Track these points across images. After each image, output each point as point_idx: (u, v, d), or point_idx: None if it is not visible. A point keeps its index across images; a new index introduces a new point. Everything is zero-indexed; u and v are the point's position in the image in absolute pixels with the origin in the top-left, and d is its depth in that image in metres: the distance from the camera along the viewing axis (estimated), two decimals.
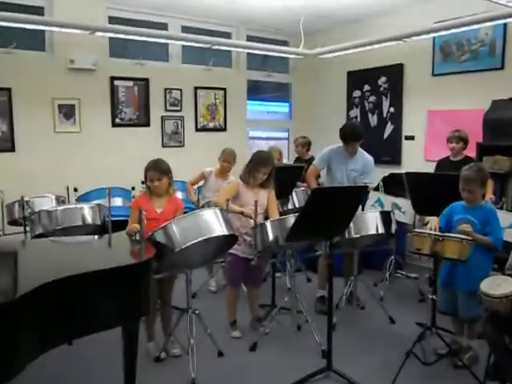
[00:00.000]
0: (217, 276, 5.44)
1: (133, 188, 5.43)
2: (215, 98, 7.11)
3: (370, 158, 4.85)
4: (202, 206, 4.86)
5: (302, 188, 5.35)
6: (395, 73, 6.59)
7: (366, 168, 4.78)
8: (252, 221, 3.73)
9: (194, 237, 3.19)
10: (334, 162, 4.81)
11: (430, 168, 5.29)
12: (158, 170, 3.63)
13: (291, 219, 3.62)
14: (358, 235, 4.09)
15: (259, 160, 3.95)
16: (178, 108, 6.79)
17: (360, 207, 3.97)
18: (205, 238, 3.22)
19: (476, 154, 5.26)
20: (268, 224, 3.75)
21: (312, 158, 6.11)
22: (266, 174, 3.97)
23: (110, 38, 6.10)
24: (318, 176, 5.07)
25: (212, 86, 7.05)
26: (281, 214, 4.38)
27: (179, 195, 5.07)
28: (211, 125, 7.12)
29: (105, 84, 6.22)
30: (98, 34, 5.41)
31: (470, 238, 3.25)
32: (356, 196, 3.43)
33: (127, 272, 2.68)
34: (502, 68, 5.49)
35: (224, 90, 7.16)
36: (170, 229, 3.21)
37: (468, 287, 3.44)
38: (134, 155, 6.22)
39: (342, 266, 4.88)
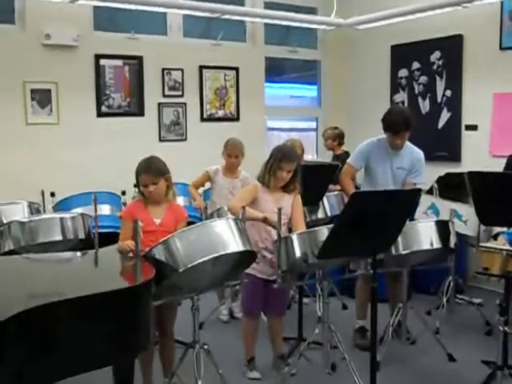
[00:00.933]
0: (229, 302, 5.45)
1: (123, 193, 5.43)
2: (225, 80, 7.12)
3: (420, 153, 4.83)
4: (211, 215, 4.88)
5: (336, 192, 5.34)
6: (452, 47, 6.55)
7: (415, 165, 4.77)
8: (274, 232, 3.72)
9: (202, 254, 3.18)
10: (374, 159, 4.80)
11: (499, 166, 5.24)
12: (151, 172, 3.63)
13: (324, 231, 3.60)
14: (407, 251, 4.06)
15: (281, 154, 3.95)
16: (179, 93, 6.81)
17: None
18: (216, 255, 3.21)
19: None
20: (295, 237, 3.73)
21: (345, 154, 6.10)
22: (291, 172, 3.97)
23: (95, 7, 6.14)
24: (353, 178, 5.08)
25: (221, 66, 7.07)
26: (308, 225, 4.36)
27: (180, 201, 5.10)
28: (220, 113, 7.14)
29: (88, 64, 6.26)
30: (80, 1, 5.45)
31: None
32: (406, 202, 3.43)
33: (119, 298, 2.66)
34: None
35: (236, 69, 7.17)
36: (172, 244, 3.21)
37: None
38: (124, 152, 6.25)
39: (388, 289, 4.86)
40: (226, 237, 3.32)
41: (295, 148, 5.13)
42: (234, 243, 3.33)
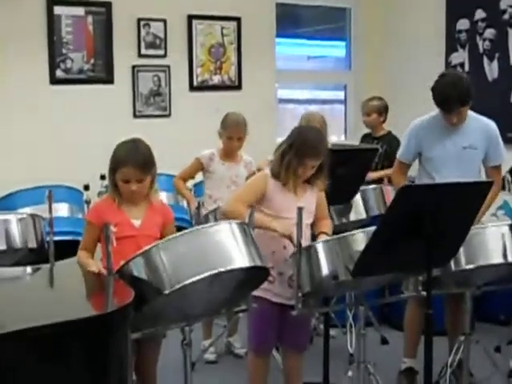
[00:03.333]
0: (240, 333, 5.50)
1: (86, 187, 5.45)
2: (223, 35, 7.12)
3: (492, 124, 4.82)
4: (206, 217, 4.86)
5: (374, 186, 5.35)
6: None
7: (490, 142, 4.76)
8: (294, 239, 3.70)
9: (195, 270, 3.16)
10: (428, 143, 4.80)
11: None
12: (139, 164, 3.62)
13: (360, 238, 3.59)
14: (472, 266, 4.04)
15: (306, 148, 3.90)
16: (161, 52, 6.82)
17: None
18: (214, 272, 3.19)
19: None
20: (320, 246, 3.71)
21: (391, 136, 6.09)
22: (315, 167, 3.94)
23: None
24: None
25: (217, 15, 7.07)
26: (336, 230, 4.33)
27: (163, 198, 5.09)
28: (216, 80, 7.14)
29: (38, 12, 6.25)
30: None
31: None
32: (473, 198, 3.42)
33: (83, 331, 2.62)
34: None
35: (237, 20, 7.18)
36: (155, 256, 3.19)
37: None
38: (87, 132, 6.26)
39: (446, 318, 4.87)
40: (228, 248, 3.30)
41: (315, 124, 5.12)
42: (238, 256, 3.30)
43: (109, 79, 6.60)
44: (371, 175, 5.78)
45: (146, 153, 3.69)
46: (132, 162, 3.60)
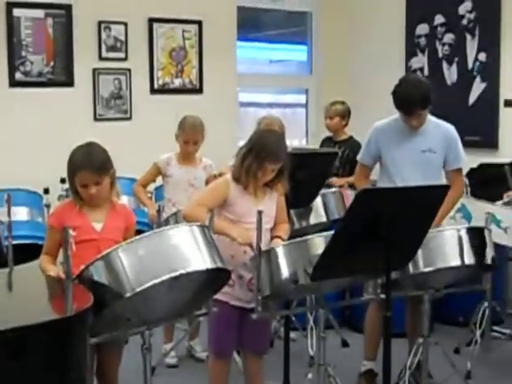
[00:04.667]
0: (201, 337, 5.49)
1: (46, 191, 5.42)
2: (184, 38, 7.12)
3: (451, 128, 4.86)
4: (167, 221, 4.86)
5: (334, 189, 5.37)
6: None
7: (449, 145, 4.80)
8: (253, 246, 3.72)
9: (155, 273, 3.16)
10: (388, 145, 4.83)
11: None
12: (94, 167, 3.61)
13: (319, 241, 3.61)
14: (429, 268, 4.07)
15: (266, 152, 3.91)
16: (122, 55, 6.80)
17: None
18: (174, 275, 3.20)
19: None
20: (279, 250, 3.73)
21: (351, 141, 6.17)
22: (275, 170, 3.97)
23: None
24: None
25: (178, 18, 7.07)
26: (297, 234, 4.35)
27: (125, 202, 5.08)
28: (177, 83, 7.14)
29: None
30: None
31: None
32: (430, 202, 3.46)
33: (42, 336, 2.62)
34: None
35: (199, 23, 7.18)
36: (115, 260, 3.18)
37: None
38: (46, 135, 6.23)
39: (407, 320, 4.90)
40: (189, 250, 3.30)
41: (274, 127, 5.15)
42: (198, 259, 3.31)
43: (69, 82, 6.55)
44: (336, 181, 5.84)
45: (101, 155, 3.68)
46: (88, 166, 3.59)
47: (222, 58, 7.29)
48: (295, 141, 7.90)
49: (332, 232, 3.50)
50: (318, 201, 5.22)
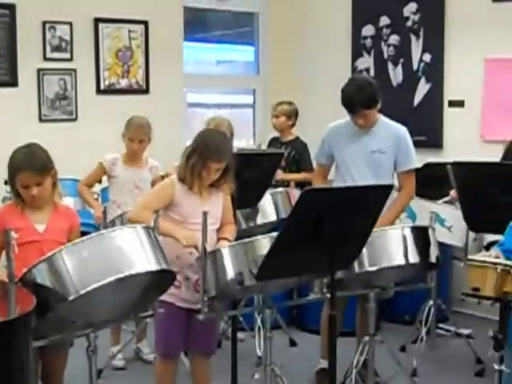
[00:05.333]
0: (135, 340, 5.46)
1: None
2: (130, 39, 7.08)
3: (401, 129, 4.92)
4: (113, 223, 4.84)
5: (280, 189, 5.39)
6: None
7: (399, 146, 4.86)
8: (199, 248, 3.72)
9: (99, 275, 3.15)
10: (339, 146, 4.90)
11: (493, 154, 5.38)
12: (34, 168, 3.59)
13: (265, 242, 3.64)
14: (374, 267, 4.12)
15: (209, 151, 3.94)
16: (67, 55, 6.73)
17: None
18: (119, 276, 3.19)
19: None
20: (225, 251, 3.75)
21: (297, 141, 6.21)
22: (220, 170, 3.98)
23: None
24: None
25: (124, 18, 7.03)
26: (244, 234, 4.37)
27: (70, 204, 5.04)
28: (123, 83, 7.10)
29: None
30: None
31: None
32: (374, 202, 3.50)
33: None
34: None
35: (145, 23, 7.15)
36: (59, 262, 3.16)
37: None
38: None
39: (357, 318, 4.98)
40: (133, 251, 3.30)
41: (222, 129, 5.16)
42: (143, 260, 3.31)
43: (13, 82, 6.46)
44: (282, 176, 5.87)
45: (41, 156, 3.66)
46: (28, 167, 3.57)
47: (168, 58, 7.27)
48: (243, 141, 7.91)
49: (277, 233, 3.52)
50: (265, 201, 5.24)
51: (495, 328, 3.70)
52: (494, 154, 5.36)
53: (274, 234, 3.59)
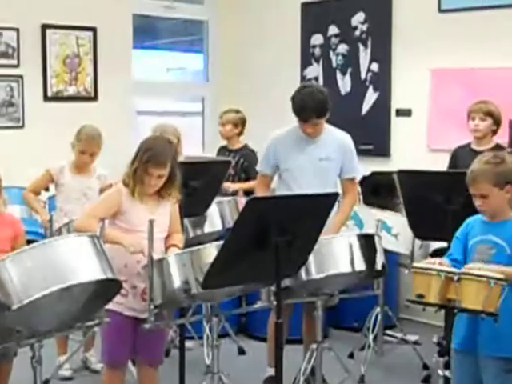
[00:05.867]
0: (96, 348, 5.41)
1: None
2: (78, 45, 7.03)
3: (347, 137, 4.96)
4: (59, 231, 4.81)
5: (229, 198, 5.41)
6: (380, 6, 6.77)
7: (345, 154, 4.89)
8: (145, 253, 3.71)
9: (44, 284, 3.13)
10: (285, 154, 4.89)
11: (439, 162, 5.48)
12: None
13: (211, 250, 3.64)
14: (321, 275, 4.15)
15: (147, 155, 3.93)
16: (13, 62, 6.67)
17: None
18: (63, 285, 3.17)
19: (509, 138, 5.47)
20: (172, 259, 3.75)
21: (246, 149, 6.22)
22: (163, 177, 3.98)
23: None
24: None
25: (72, 25, 6.98)
26: (191, 242, 4.38)
27: (16, 212, 5.00)
28: (71, 90, 7.05)
29: None
30: None
31: (501, 277, 3.35)
32: (321, 210, 3.52)
33: None
34: None
35: (93, 30, 7.10)
36: (2, 270, 3.13)
37: (500, 355, 3.55)
38: None
39: (303, 326, 4.98)
40: (78, 260, 3.29)
41: (167, 136, 5.15)
42: (88, 269, 3.30)
43: None
44: (229, 186, 5.87)
45: None
46: None
47: (117, 65, 7.22)
48: (193, 149, 7.90)
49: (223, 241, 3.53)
50: (213, 209, 5.26)
51: (439, 334, 3.75)
52: (440, 163, 5.46)
53: (221, 242, 3.58)
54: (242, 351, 5.75)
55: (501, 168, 3.61)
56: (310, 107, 4.68)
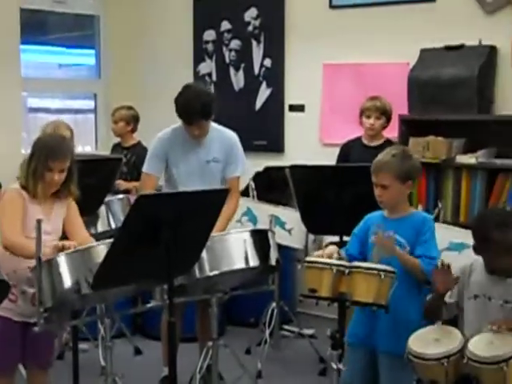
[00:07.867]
0: None
1: None
2: None
3: (233, 136, 4.96)
4: None
5: (121, 196, 5.37)
6: (273, 3, 6.83)
7: (231, 153, 4.90)
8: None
9: None
10: (173, 156, 4.88)
11: (332, 157, 5.57)
12: None
13: (102, 249, 3.58)
14: (215, 272, 4.15)
15: (47, 150, 3.87)
16: None
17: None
18: None
19: (399, 133, 5.61)
20: (61, 259, 3.65)
21: (139, 147, 6.21)
22: (64, 171, 3.90)
23: None
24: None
25: None
26: None
27: None
28: None
29: None
30: None
31: (390, 269, 3.42)
32: (211, 206, 3.53)
33: None
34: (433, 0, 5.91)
35: None
36: None
37: (393, 347, 3.63)
38: None
39: (197, 324, 5.01)
40: None
41: (61, 131, 5.06)
42: None
43: None
44: (122, 184, 5.81)
45: None
46: None
47: (4, 61, 6.98)
48: (86, 147, 7.81)
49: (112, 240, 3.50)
50: (105, 208, 5.21)
51: (333, 328, 3.79)
52: (333, 158, 5.56)
53: (111, 240, 3.55)
54: (138, 351, 5.73)
55: (406, 164, 3.72)
56: (194, 109, 4.64)
